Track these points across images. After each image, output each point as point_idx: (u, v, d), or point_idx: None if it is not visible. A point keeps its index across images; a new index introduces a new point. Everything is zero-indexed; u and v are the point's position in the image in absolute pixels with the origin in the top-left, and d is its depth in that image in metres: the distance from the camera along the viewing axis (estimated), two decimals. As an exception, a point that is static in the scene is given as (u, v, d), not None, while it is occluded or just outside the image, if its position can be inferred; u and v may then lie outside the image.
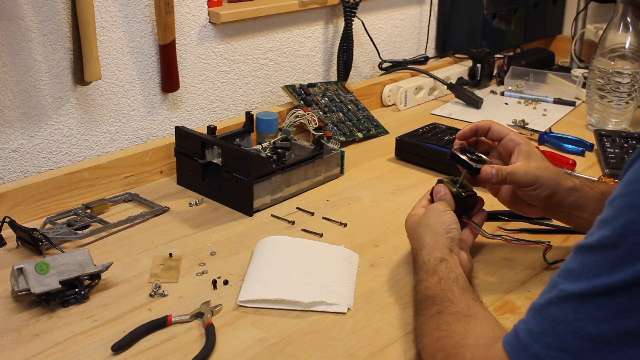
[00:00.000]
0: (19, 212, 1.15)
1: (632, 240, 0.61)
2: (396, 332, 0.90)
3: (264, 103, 1.59)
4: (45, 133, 1.23)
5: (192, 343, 0.88)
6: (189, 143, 1.28)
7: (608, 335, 0.62)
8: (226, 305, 0.95)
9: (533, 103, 1.80)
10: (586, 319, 0.63)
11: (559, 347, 0.64)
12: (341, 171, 1.38)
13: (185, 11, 1.38)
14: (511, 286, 1.01)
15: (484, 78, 1.89)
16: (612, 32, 1.55)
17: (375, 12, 1.82)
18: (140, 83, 1.34)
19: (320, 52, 1.69)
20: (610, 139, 1.49)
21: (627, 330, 0.61)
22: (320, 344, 0.88)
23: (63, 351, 0.86)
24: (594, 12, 2.23)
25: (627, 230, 0.61)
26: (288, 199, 1.27)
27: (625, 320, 0.61)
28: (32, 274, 0.91)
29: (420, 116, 1.71)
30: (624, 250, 0.61)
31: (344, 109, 1.58)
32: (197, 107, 1.46)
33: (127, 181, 1.29)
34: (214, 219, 1.19)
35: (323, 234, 1.14)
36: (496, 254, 1.09)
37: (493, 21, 2.04)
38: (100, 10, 1.24)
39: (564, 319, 0.64)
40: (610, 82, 1.56)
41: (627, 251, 0.61)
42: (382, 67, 1.85)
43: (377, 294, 0.99)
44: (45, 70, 1.20)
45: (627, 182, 0.63)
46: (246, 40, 1.51)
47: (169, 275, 1.02)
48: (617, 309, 0.61)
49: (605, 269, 0.62)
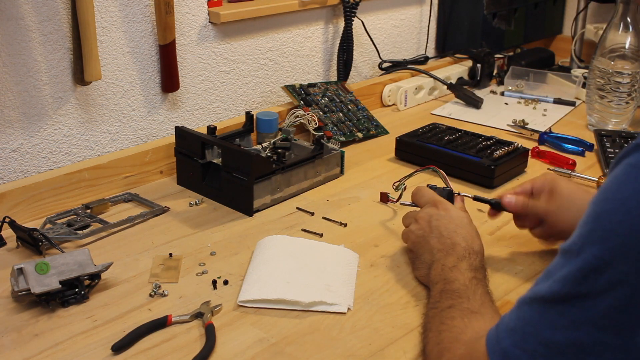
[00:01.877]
0: (19, 212, 1.15)
1: (589, 251, 0.59)
2: (396, 332, 0.90)
3: (264, 103, 1.59)
4: (45, 133, 1.23)
5: (192, 343, 0.88)
6: (189, 143, 1.28)
7: (561, 344, 0.61)
8: (226, 305, 0.95)
9: (533, 103, 1.80)
10: (546, 324, 0.62)
11: (522, 346, 0.64)
12: (341, 171, 1.38)
13: (185, 11, 1.38)
14: (511, 286, 1.01)
15: (484, 78, 1.89)
16: (612, 32, 1.55)
17: (375, 12, 1.82)
18: (140, 83, 1.34)
19: (320, 52, 1.69)
20: (610, 139, 1.49)
21: (577, 342, 0.60)
22: (320, 344, 0.88)
23: (63, 351, 0.86)
24: (594, 12, 2.23)
25: (588, 239, 0.60)
26: (288, 199, 1.27)
27: (576, 332, 0.60)
28: (32, 274, 0.91)
29: (420, 116, 1.71)
30: (582, 260, 0.60)
31: (344, 109, 1.58)
32: (197, 107, 1.46)
33: (127, 181, 1.29)
34: (214, 219, 1.19)
35: (323, 234, 1.14)
36: (496, 254, 1.09)
37: (493, 21, 2.04)
38: (100, 10, 1.24)
39: (531, 320, 0.64)
40: (610, 82, 1.56)
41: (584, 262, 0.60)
42: (382, 67, 1.85)
43: (377, 294, 0.99)
44: (45, 70, 1.20)
45: (601, 190, 0.62)
46: (246, 40, 1.51)
47: (169, 275, 1.02)
48: (571, 319, 0.60)
49: (569, 276, 0.61)
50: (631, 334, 0.57)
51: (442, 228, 0.98)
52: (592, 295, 0.59)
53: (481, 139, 1.44)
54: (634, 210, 0.57)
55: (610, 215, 0.59)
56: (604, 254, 0.58)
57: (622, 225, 0.57)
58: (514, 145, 1.39)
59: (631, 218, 0.57)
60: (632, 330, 0.57)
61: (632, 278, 0.57)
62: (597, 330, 0.59)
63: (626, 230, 0.57)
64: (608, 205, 0.59)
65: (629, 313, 0.57)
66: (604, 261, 0.58)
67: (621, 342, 0.58)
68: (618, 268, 0.57)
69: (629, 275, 0.57)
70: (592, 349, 0.59)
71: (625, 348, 0.58)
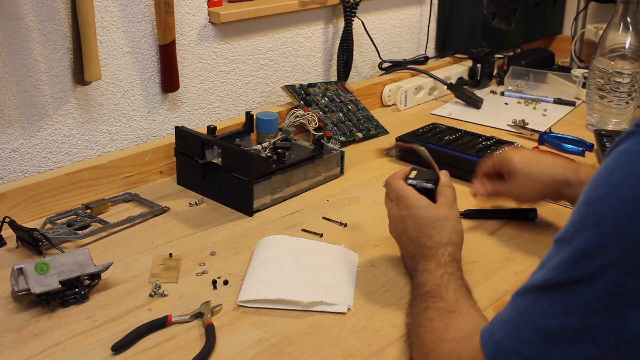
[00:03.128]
0: (19, 212, 1.15)
1: (582, 236, 0.60)
2: (396, 332, 0.90)
3: (264, 103, 1.59)
4: (45, 133, 1.23)
5: (192, 343, 0.88)
6: (189, 143, 1.28)
7: (554, 331, 0.61)
8: (226, 305, 0.95)
9: (533, 103, 1.80)
10: (539, 312, 0.63)
11: (515, 336, 0.64)
12: (341, 171, 1.38)
13: (185, 11, 1.38)
14: (511, 286, 1.01)
15: (484, 78, 1.89)
16: (612, 32, 1.55)
17: (375, 12, 1.82)
18: (140, 83, 1.34)
19: (320, 52, 1.69)
20: (610, 139, 1.49)
21: (570, 327, 0.60)
22: (320, 344, 0.88)
23: (63, 351, 0.86)
24: (594, 12, 2.23)
25: (580, 225, 0.61)
26: (288, 199, 1.27)
27: (569, 317, 0.60)
28: (32, 274, 0.91)
29: (420, 116, 1.71)
30: (574, 246, 0.60)
31: (344, 109, 1.58)
32: (197, 107, 1.46)
33: (127, 181, 1.29)
34: (214, 219, 1.19)
35: (323, 234, 1.14)
36: (496, 254, 1.09)
37: (493, 21, 2.04)
38: (100, 10, 1.24)
39: (525, 309, 0.64)
40: (610, 82, 1.56)
41: (576, 247, 0.60)
42: (382, 67, 1.85)
43: (377, 294, 0.99)
44: (45, 70, 1.20)
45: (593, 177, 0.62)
46: (246, 40, 1.51)
47: (169, 275, 1.02)
48: (564, 305, 0.61)
49: (561, 263, 0.61)
50: (625, 317, 0.58)
51: (409, 231, 0.97)
52: (585, 280, 0.59)
53: (481, 139, 1.44)
54: (625, 194, 0.57)
55: (602, 200, 0.59)
56: (596, 239, 0.59)
57: (614, 210, 0.58)
58: (514, 146, 1.39)
59: (622, 202, 0.57)
60: (625, 313, 0.58)
61: (623, 261, 0.57)
62: (590, 314, 0.59)
63: (618, 214, 0.58)
64: (599, 191, 0.60)
65: (621, 296, 0.58)
66: (597, 245, 0.59)
67: (614, 325, 0.58)
68: (610, 252, 0.58)
69: (620, 257, 0.57)
70: (586, 334, 0.59)
71: (619, 331, 0.58)
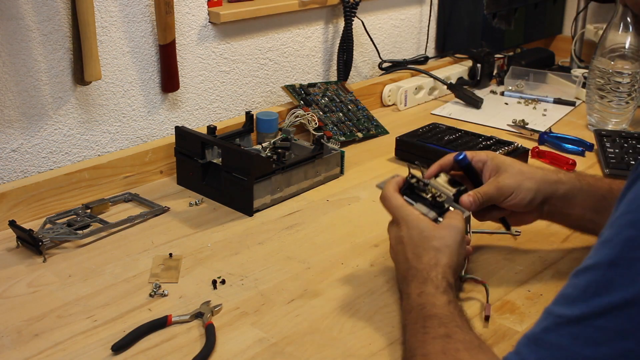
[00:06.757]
0: (19, 212, 1.15)
1: (633, 256, 0.59)
2: (396, 332, 0.90)
3: (264, 103, 1.59)
4: (45, 133, 1.23)
5: (192, 343, 0.88)
6: (189, 143, 1.28)
7: (605, 358, 0.59)
8: (226, 305, 0.95)
9: (533, 103, 1.80)
10: (583, 343, 0.61)
11: None
12: (341, 171, 1.38)
13: (185, 11, 1.38)
14: (511, 286, 1.01)
15: (484, 78, 1.89)
16: (612, 32, 1.55)
17: (375, 12, 1.82)
18: (140, 83, 1.34)
19: (320, 52, 1.69)
20: (610, 139, 1.49)
21: (625, 351, 0.59)
22: (320, 344, 0.88)
23: (63, 351, 0.86)
24: (594, 12, 2.23)
25: (627, 246, 0.59)
26: (288, 199, 1.27)
27: (624, 342, 0.59)
28: None
29: (420, 116, 1.71)
30: (624, 267, 0.59)
31: (344, 109, 1.58)
32: (197, 107, 1.46)
33: (127, 181, 1.29)
34: (214, 219, 1.19)
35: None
36: (496, 254, 1.09)
37: (493, 21, 2.04)
38: (100, 10, 1.24)
39: (561, 346, 0.62)
40: (610, 82, 1.56)
41: (628, 268, 0.59)
42: (382, 67, 1.85)
43: (377, 294, 0.99)
44: (45, 70, 1.20)
45: (627, 202, 0.61)
46: (246, 40, 1.51)
47: (169, 275, 1.02)
48: (615, 330, 0.59)
49: (603, 288, 0.60)
50: None
51: (407, 251, 0.93)
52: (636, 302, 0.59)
53: (481, 139, 1.44)
54: None
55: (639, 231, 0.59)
56: None
57: None
58: (514, 145, 1.40)
59: None
60: None
61: None
62: None
63: None
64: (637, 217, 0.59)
65: None
66: None
67: None
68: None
69: None
70: None
71: None
